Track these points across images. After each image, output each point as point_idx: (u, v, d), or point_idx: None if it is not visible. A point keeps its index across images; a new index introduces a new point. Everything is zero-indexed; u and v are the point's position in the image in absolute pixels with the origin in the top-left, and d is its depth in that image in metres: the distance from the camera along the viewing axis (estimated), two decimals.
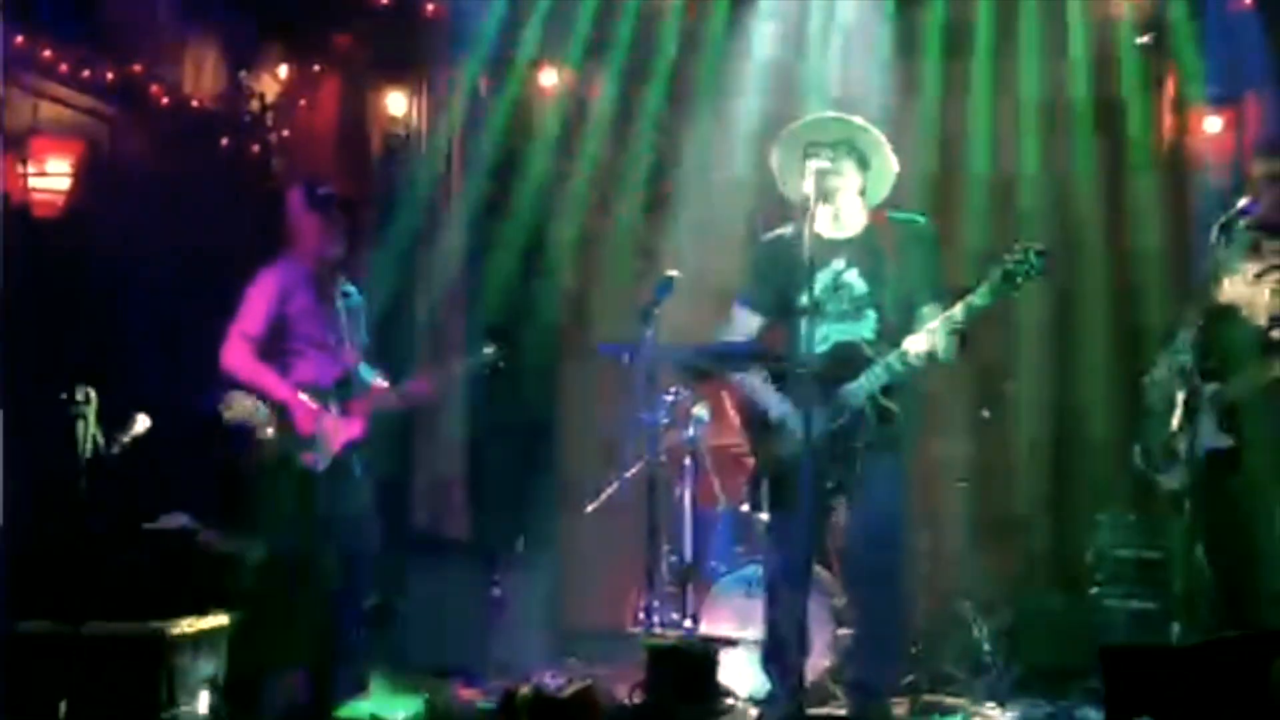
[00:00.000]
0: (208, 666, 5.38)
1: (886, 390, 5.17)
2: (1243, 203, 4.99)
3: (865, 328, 5.28)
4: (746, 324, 5.51)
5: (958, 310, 5.05)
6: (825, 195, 5.18)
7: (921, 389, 5.53)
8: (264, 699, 5.57)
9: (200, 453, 5.96)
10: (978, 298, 5.02)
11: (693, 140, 8.02)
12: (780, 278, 5.33)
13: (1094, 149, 7.71)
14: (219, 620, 5.46)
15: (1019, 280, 4.96)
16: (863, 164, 5.30)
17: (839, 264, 5.29)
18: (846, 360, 5.20)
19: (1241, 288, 5.20)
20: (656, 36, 7.92)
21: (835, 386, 5.17)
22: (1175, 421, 4.97)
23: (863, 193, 5.35)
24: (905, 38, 7.66)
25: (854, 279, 5.29)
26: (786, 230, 5.42)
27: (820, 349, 5.16)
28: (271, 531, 5.74)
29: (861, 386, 5.16)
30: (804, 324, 5.05)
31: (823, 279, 5.24)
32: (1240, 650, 3.54)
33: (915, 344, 5.08)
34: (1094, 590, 6.58)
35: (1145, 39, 7.70)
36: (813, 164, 5.14)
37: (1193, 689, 3.49)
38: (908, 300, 5.25)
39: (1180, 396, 4.95)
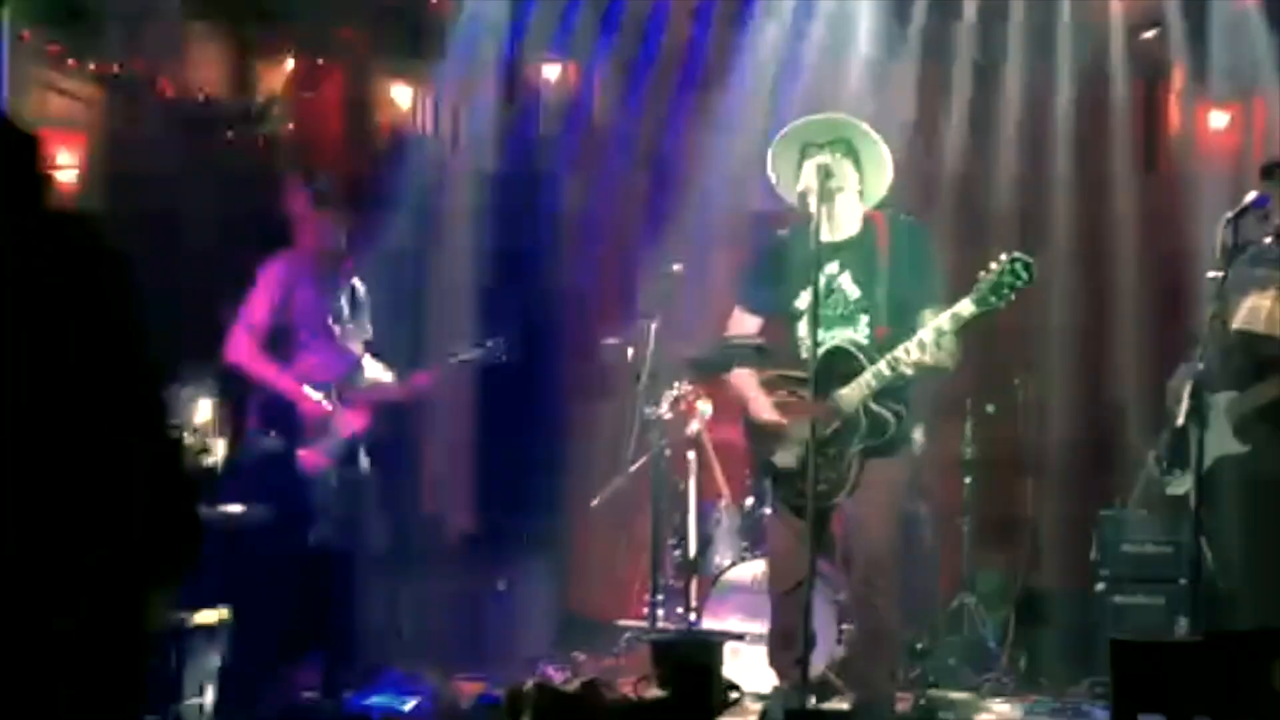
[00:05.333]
0: (214, 659, 5.37)
1: (880, 395, 5.14)
2: (1250, 197, 4.96)
3: (858, 332, 5.22)
4: (746, 324, 5.48)
5: (945, 319, 5.00)
6: (823, 195, 5.10)
7: (925, 387, 5.51)
8: (270, 693, 5.57)
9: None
10: (963, 308, 4.97)
11: (697, 137, 8.01)
12: (777, 280, 5.31)
13: (1096, 151, 7.71)
14: (224, 613, 5.46)
15: (1005, 291, 4.91)
16: (860, 164, 5.23)
17: (833, 268, 5.21)
18: (839, 365, 5.14)
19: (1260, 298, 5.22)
20: (662, 33, 7.91)
21: (828, 391, 5.13)
22: (1180, 420, 4.94)
23: (860, 193, 5.28)
24: (913, 41, 7.67)
25: (848, 284, 5.22)
26: (785, 232, 5.38)
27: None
28: (276, 525, 5.73)
29: (853, 392, 5.13)
30: (801, 327, 5.04)
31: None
32: (1250, 645, 3.53)
33: (906, 351, 5.04)
34: (1099, 586, 6.57)
35: (1150, 34, 7.68)
36: (811, 163, 5.11)
37: (1202, 683, 3.49)
38: (903, 304, 5.18)
39: (1186, 402, 4.90)
